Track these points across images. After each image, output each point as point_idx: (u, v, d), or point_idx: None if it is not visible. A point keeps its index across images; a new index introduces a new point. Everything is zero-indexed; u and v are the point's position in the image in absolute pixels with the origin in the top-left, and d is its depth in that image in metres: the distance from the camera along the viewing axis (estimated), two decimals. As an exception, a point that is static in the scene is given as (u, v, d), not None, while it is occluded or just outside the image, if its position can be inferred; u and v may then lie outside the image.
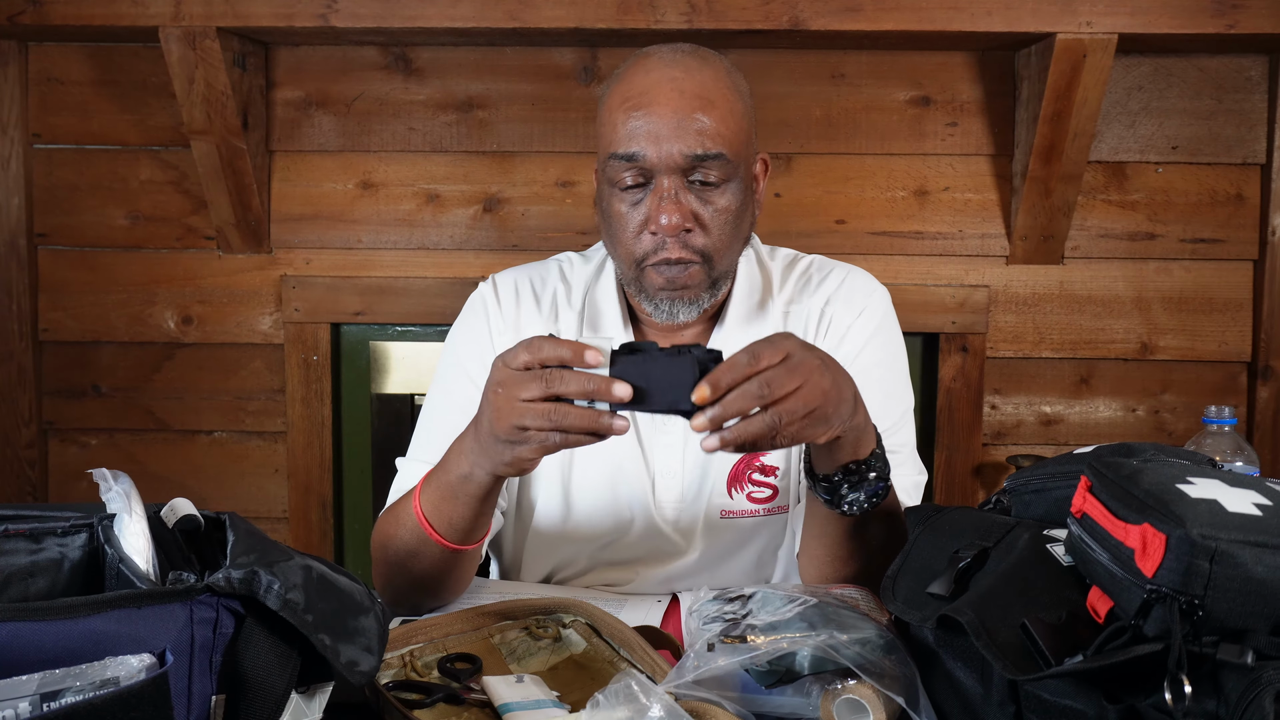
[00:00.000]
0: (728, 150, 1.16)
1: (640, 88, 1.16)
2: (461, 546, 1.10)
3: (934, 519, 0.98)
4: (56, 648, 0.65)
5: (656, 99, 1.14)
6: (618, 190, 1.18)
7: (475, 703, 0.88)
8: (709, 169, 1.15)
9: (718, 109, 1.15)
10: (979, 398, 2.21)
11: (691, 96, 1.14)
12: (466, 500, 1.06)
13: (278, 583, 0.72)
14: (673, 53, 1.19)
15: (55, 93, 2.22)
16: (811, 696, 0.83)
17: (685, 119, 1.14)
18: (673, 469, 1.26)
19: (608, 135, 1.18)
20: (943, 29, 1.95)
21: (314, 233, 2.23)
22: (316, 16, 1.97)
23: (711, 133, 1.14)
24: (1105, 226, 2.20)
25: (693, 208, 1.16)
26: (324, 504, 2.26)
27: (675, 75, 1.15)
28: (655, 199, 1.16)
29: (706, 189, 1.17)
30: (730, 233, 1.19)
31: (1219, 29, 1.93)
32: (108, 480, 0.81)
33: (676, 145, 1.14)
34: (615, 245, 1.22)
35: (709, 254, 1.18)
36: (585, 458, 1.26)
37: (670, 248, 1.16)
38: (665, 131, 1.14)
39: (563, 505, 1.28)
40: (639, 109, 1.15)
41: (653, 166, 1.15)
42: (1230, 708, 0.65)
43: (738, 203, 1.19)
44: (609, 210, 1.20)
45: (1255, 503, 0.71)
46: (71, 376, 2.28)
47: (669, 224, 1.14)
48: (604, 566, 1.30)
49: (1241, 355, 2.21)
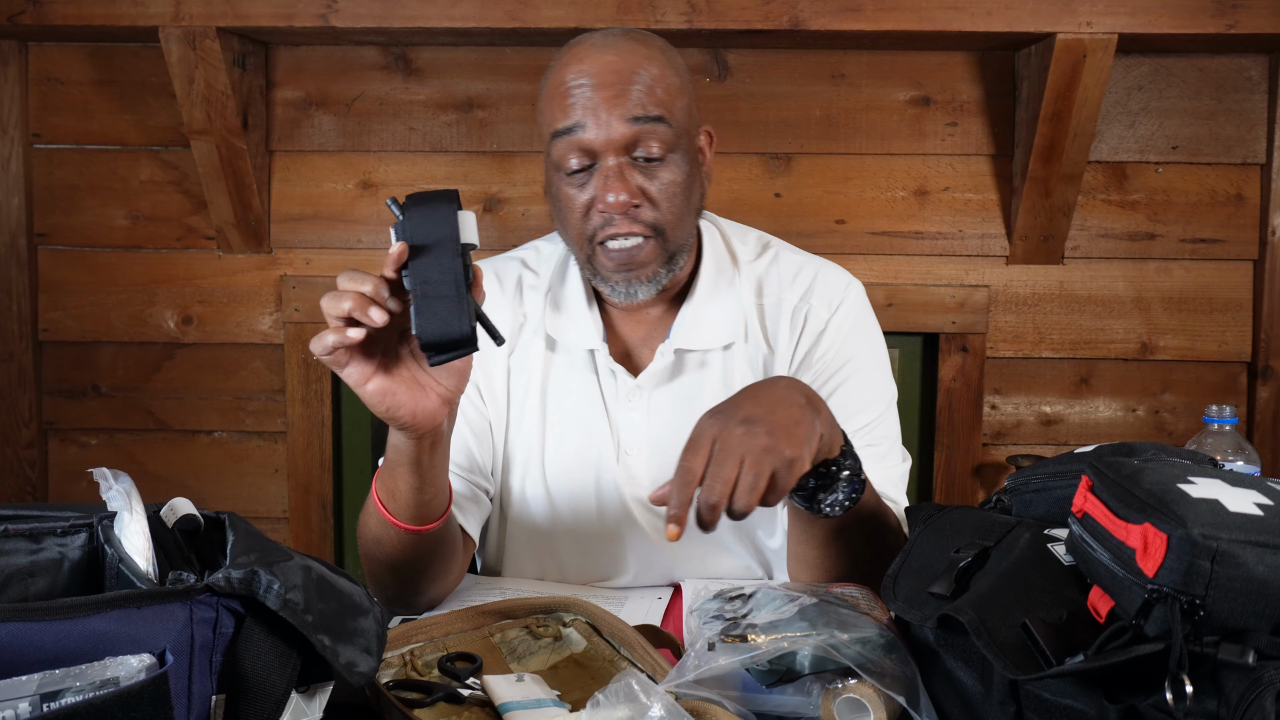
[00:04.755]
0: (666, 114, 1.17)
1: (576, 70, 1.18)
2: (413, 528, 1.09)
3: (934, 519, 0.98)
4: (56, 648, 0.65)
5: (593, 75, 1.16)
6: (564, 174, 1.19)
7: (475, 702, 0.88)
8: (651, 141, 1.16)
9: (656, 81, 1.17)
10: (979, 398, 2.21)
11: (627, 71, 1.16)
12: (400, 469, 1.05)
13: (277, 583, 0.72)
14: (604, 37, 1.21)
15: (55, 93, 2.22)
16: (812, 696, 0.83)
17: (623, 90, 1.15)
18: (637, 443, 1.27)
19: (548, 117, 1.20)
20: (943, 29, 1.95)
21: (314, 233, 2.23)
22: (316, 16, 1.97)
23: (649, 99, 1.16)
24: (1105, 226, 2.20)
25: (638, 183, 1.17)
26: (324, 504, 2.26)
27: (609, 56, 1.17)
28: (601, 178, 1.17)
29: (651, 164, 1.18)
30: (680, 206, 1.20)
31: (1219, 29, 1.93)
32: (108, 480, 0.81)
33: (617, 114, 1.15)
34: (566, 229, 1.23)
35: (660, 228, 1.19)
36: (557, 436, 1.28)
37: (619, 223, 1.17)
38: (604, 104, 1.15)
39: (542, 488, 1.29)
40: (577, 87, 1.17)
41: (594, 143, 1.16)
42: (1231, 708, 0.64)
43: (683, 174, 1.20)
44: (557, 195, 1.22)
45: (1256, 502, 0.71)
46: (71, 376, 2.28)
47: (616, 201, 1.16)
48: (590, 552, 1.30)
49: (1241, 355, 2.21)
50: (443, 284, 0.92)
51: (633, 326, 1.29)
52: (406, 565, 1.12)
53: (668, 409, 1.26)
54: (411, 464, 1.04)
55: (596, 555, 1.30)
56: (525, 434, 1.29)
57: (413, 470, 1.05)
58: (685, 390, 1.26)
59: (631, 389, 1.26)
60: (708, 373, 1.27)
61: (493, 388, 1.29)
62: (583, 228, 1.19)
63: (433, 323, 0.92)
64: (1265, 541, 0.67)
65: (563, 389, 1.28)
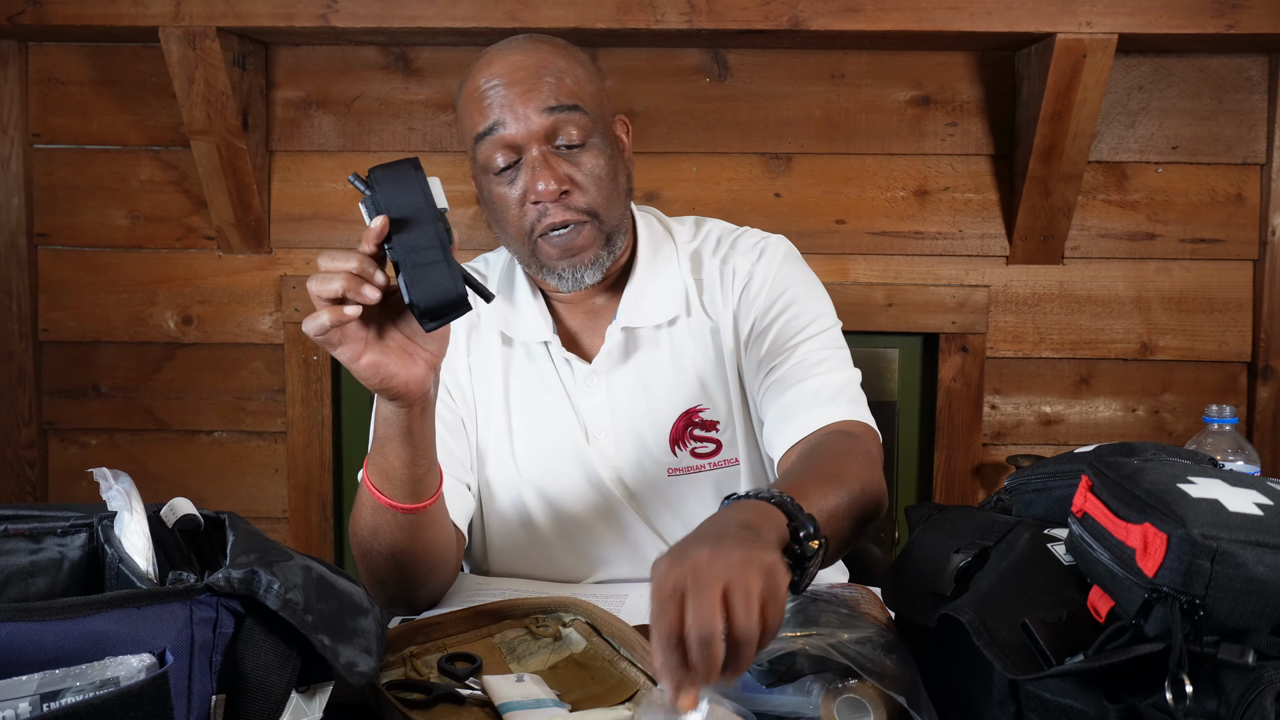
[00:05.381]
0: (579, 102, 1.21)
1: (487, 74, 1.22)
2: (409, 506, 1.09)
3: (934, 518, 0.98)
4: (56, 648, 0.65)
5: (504, 75, 1.20)
6: (492, 175, 1.22)
7: (475, 702, 0.87)
8: (570, 128, 1.20)
9: (565, 74, 1.21)
10: (979, 398, 2.21)
11: (535, 66, 1.21)
12: (392, 443, 1.06)
13: (277, 583, 0.72)
14: (509, 43, 1.25)
15: (55, 93, 2.22)
16: (812, 696, 0.83)
17: (534, 85, 1.19)
18: (603, 426, 1.29)
19: (468, 124, 1.24)
20: (943, 29, 1.95)
21: (314, 233, 2.23)
22: (316, 16, 1.97)
23: (561, 90, 1.20)
24: (1105, 226, 2.20)
25: (565, 171, 1.20)
26: (324, 504, 2.26)
27: (516, 58, 1.22)
28: (528, 170, 1.20)
29: (574, 151, 1.21)
30: (608, 187, 1.23)
31: (1219, 29, 1.93)
32: (108, 479, 0.81)
33: (533, 106, 1.19)
34: (505, 228, 1.25)
35: (594, 211, 1.22)
36: (525, 429, 1.30)
37: (554, 213, 1.20)
38: (519, 99, 1.19)
39: (517, 484, 1.31)
40: (490, 89, 1.20)
41: (516, 137, 1.19)
42: (1231, 708, 0.64)
43: (606, 157, 1.23)
44: (490, 198, 1.24)
45: (1256, 502, 0.71)
46: (71, 376, 2.28)
47: (546, 189, 1.19)
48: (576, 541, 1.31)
49: (1241, 355, 2.21)
50: (429, 250, 0.94)
51: (579, 316, 1.32)
52: (406, 552, 1.12)
53: (626, 389, 1.30)
54: (404, 436, 1.05)
55: (583, 544, 1.31)
56: (494, 430, 1.32)
57: (405, 442, 1.06)
58: (639, 369, 1.30)
59: (588, 374, 1.30)
60: (659, 350, 1.30)
61: (460, 384, 1.32)
62: (520, 224, 1.22)
63: (426, 290, 0.93)
64: (1265, 541, 0.67)
65: (523, 383, 1.31)
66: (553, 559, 1.32)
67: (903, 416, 2.25)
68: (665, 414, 1.29)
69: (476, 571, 1.38)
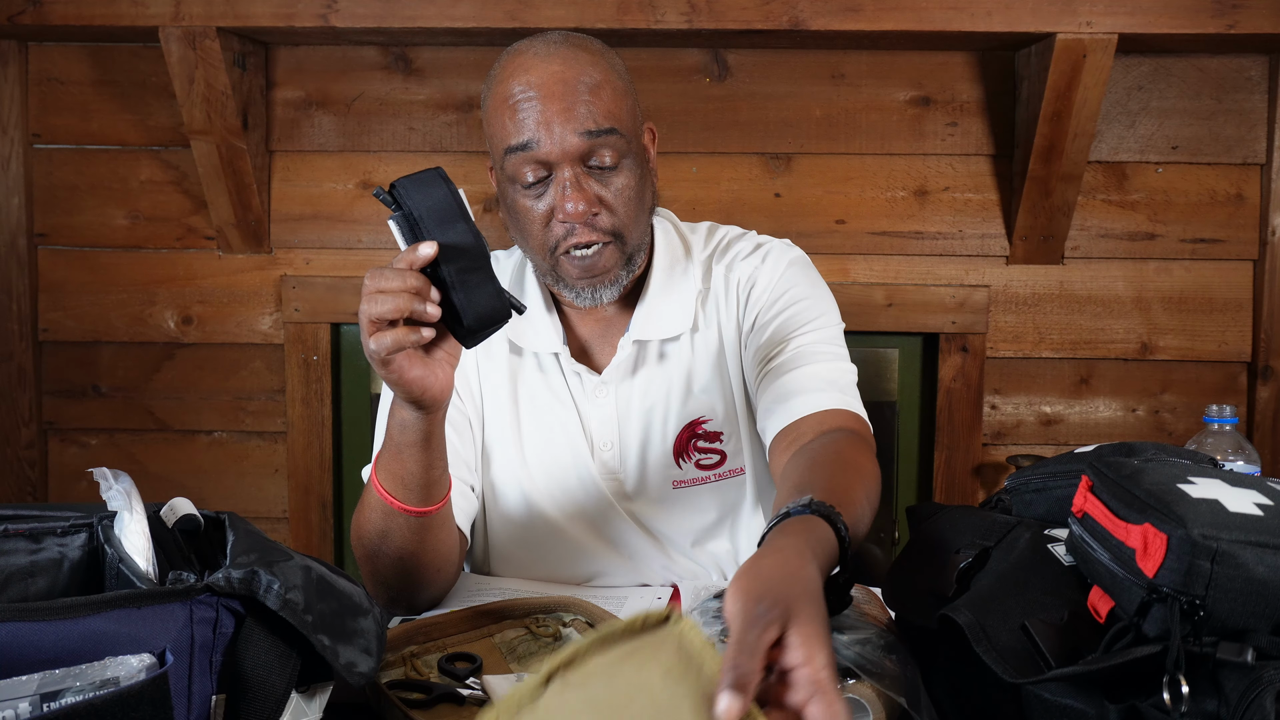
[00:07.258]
0: (617, 124, 1.19)
1: (521, 82, 1.18)
2: (423, 509, 1.09)
3: (934, 518, 0.98)
4: (56, 648, 0.65)
5: (541, 89, 1.17)
6: (520, 187, 1.20)
7: (475, 702, 0.88)
8: (604, 150, 1.18)
9: (602, 89, 1.18)
10: (979, 398, 2.21)
11: (573, 80, 1.17)
12: (410, 449, 1.06)
13: (277, 583, 0.72)
14: (545, 44, 1.21)
15: (55, 93, 2.22)
16: (812, 696, 0.83)
17: (572, 102, 1.16)
18: (610, 438, 1.29)
19: (498, 131, 1.20)
20: (943, 29, 1.95)
21: (314, 233, 2.23)
22: (316, 16, 1.97)
23: (601, 111, 1.17)
24: (1105, 226, 2.20)
25: (595, 192, 1.19)
26: (324, 504, 2.26)
27: (555, 68, 1.18)
28: (559, 189, 1.18)
29: (605, 172, 1.19)
30: (635, 208, 1.22)
31: (1219, 29, 1.93)
32: (108, 479, 0.81)
33: (570, 128, 1.16)
34: (526, 239, 1.24)
35: (619, 232, 1.21)
36: (532, 438, 1.30)
37: (580, 232, 1.19)
38: (556, 118, 1.16)
39: (522, 491, 1.30)
40: (525, 100, 1.17)
41: (550, 156, 1.17)
42: (1231, 708, 0.64)
43: (636, 178, 1.22)
44: (514, 207, 1.23)
45: (1256, 503, 0.71)
46: (71, 376, 2.28)
47: (575, 211, 1.17)
48: (578, 551, 1.31)
49: (1241, 355, 2.21)
50: (474, 266, 0.94)
51: (591, 325, 1.32)
52: (414, 555, 1.12)
53: (634, 401, 1.29)
54: (424, 441, 1.05)
55: (586, 553, 1.31)
56: (501, 436, 1.31)
57: (425, 448, 1.06)
58: (647, 381, 1.29)
59: (597, 385, 1.29)
60: (666, 362, 1.30)
61: (468, 384, 1.32)
62: (544, 238, 1.21)
63: (476, 305, 0.94)
64: (1265, 541, 0.67)
65: (531, 392, 1.31)
66: (554, 566, 1.32)
67: (903, 416, 2.25)
68: (670, 426, 1.29)
69: (477, 571, 1.38)
